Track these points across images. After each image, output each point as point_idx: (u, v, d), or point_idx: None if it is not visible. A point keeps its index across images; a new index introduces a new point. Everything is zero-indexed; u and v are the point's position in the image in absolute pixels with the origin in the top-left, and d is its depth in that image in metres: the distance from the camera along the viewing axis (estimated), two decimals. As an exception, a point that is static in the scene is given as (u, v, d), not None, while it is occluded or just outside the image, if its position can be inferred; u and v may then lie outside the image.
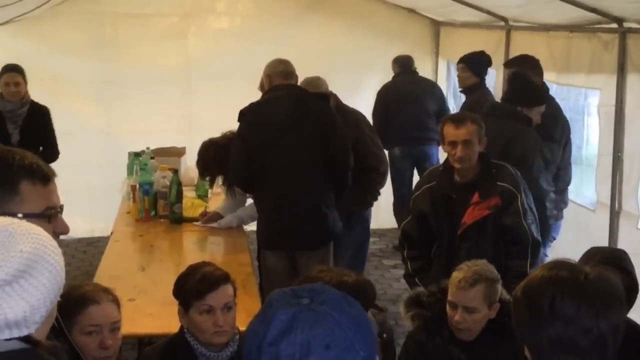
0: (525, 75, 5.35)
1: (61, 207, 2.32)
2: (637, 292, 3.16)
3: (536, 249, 4.36)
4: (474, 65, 6.78)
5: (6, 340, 1.68)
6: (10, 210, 2.06)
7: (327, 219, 5.23)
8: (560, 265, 2.02)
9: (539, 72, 5.70)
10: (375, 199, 6.18)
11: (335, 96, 5.99)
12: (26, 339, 1.72)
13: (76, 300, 2.86)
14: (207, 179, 6.01)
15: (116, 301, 2.99)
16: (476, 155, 4.32)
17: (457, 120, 4.38)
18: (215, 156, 5.69)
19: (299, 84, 5.41)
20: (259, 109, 5.20)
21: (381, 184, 6.14)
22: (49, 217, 2.21)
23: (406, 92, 7.73)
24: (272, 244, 5.30)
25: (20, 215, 2.06)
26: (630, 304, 2.85)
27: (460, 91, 7.17)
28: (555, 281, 1.96)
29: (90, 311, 2.85)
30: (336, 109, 5.64)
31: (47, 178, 2.25)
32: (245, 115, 5.21)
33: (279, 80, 5.26)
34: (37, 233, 1.78)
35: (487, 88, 7.01)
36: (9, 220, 1.79)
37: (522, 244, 4.32)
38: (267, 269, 5.35)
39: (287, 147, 5.07)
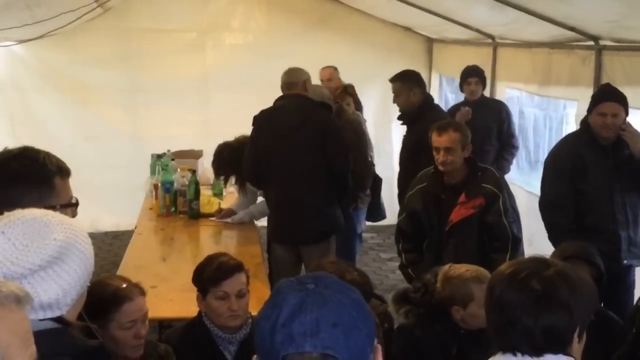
0: None
1: (77, 203, 2.35)
2: (603, 282, 3.21)
3: (516, 244, 4.38)
4: (483, 78, 6.64)
5: (40, 320, 1.69)
6: (50, 204, 2.10)
7: (325, 216, 5.25)
8: (525, 262, 1.99)
9: (422, 85, 5.78)
10: (356, 201, 6.06)
11: (340, 105, 6.05)
12: (59, 319, 1.73)
13: (111, 299, 2.85)
14: (222, 178, 6.03)
15: (144, 292, 2.99)
16: (460, 160, 4.38)
17: (441, 128, 4.45)
18: (229, 158, 5.72)
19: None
20: (267, 116, 5.25)
21: (362, 188, 6.04)
22: (75, 205, 2.25)
23: None
24: (278, 237, 5.36)
25: (58, 206, 2.09)
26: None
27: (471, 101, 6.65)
28: (504, 273, 1.95)
29: (125, 308, 2.85)
30: (337, 114, 5.68)
31: (69, 173, 2.29)
32: (256, 120, 5.26)
33: (285, 90, 5.32)
34: (69, 223, 1.79)
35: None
36: (44, 212, 1.80)
37: (503, 240, 4.35)
38: (276, 259, 5.41)
39: (289, 150, 5.11)
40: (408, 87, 5.66)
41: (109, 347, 2.78)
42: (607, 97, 4.55)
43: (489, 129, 6.43)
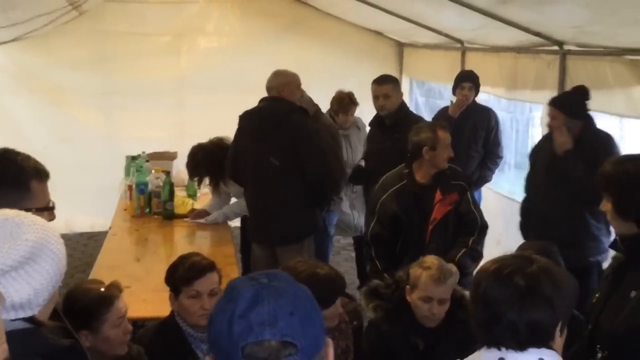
0: None
1: (53, 206, 2.32)
2: None
3: (484, 230, 4.59)
4: (477, 84, 6.41)
5: (12, 320, 1.67)
6: (26, 207, 2.06)
7: (299, 219, 5.22)
8: (509, 259, 2.00)
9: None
10: (329, 204, 5.96)
11: (318, 109, 6.00)
12: (30, 319, 1.71)
13: (100, 301, 2.88)
14: (196, 179, 6.00)
15: (121, 289, 3.03)
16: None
17: (444, 124, 4.63)
18: (203, 159, 5.71)
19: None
20: (246, 117, 5.24)
21: (336, 191, 5.87)
22: (52, 209, 2.23)
23: None
24: (255, 237, 5.38)
25: (33, 209, 2.07)
26: None
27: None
28: (489, 270, 1.97)
29: (115, 307, 2.89)
30: (315, 118, 5.66)
31: (47, 176, 2.26)
32: (240, 120, 5.27)
33: (269, 93, 5.28)
34: (41, 224, 1.77)
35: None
36: (16, 212, 1.78)
37: (472, 226, 4.53)
38: (253, 258, 5.43)
39: (262, 153, 5.08)
40: (398, 89, 5.76)
41: (100, 350, 2.79)
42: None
43: (476, 135, 6.35)
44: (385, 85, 5.73)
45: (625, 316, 2.54)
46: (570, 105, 4.74)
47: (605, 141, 4.73)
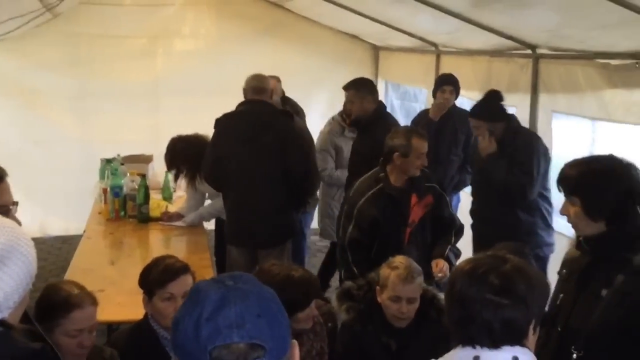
0: None
1: (15, 204, 2.27)
2: None
3: (460, 229, 4.68)
4: (458, 88, 6.40)
5: None
6: None
7: (283, 220, 5.24)
8: (483, 259, 2.01)
9: (374, 92, 5.85)
10: (305, 205, 5.93)
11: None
12: (0, 322, 1.69)
13: (61, 304, 2.79)
14: (173, 173, 5.93)
15: (95, 302, 2.93)
16: None
17: (423, 133, 4.58)
18: (182, 150, 5.70)
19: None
20: (228, 120, 5.20)
21: (311, 193, 5.88)
22: (5, 212, 2.15)
23: None
24: (236, 240, 5.32)
25: None
26: None
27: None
28: (464, 270, 1.98)
29: (74, 316, 2.78)
30: None
31: (3, 177, 2.23)
32: (217, 123, 5.22)
33: (251, 95, 5.24)
34: (10, 226, 1.75)
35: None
36: None
37: (450, 227, 4.62)
38: (230, 261, 5.37)
39: (249, 155, 5.07)
40: (362, 95, 5.69)
41: None
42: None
43: (456, 138, 6.33)
44: (347, 91, 5.82)
45: (600, 315, 2.54)
46: (486, 112, 4.97)
47: (528, 139, 4.95)
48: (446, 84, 6.32)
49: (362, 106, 5.67)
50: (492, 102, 5.01)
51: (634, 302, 2.51)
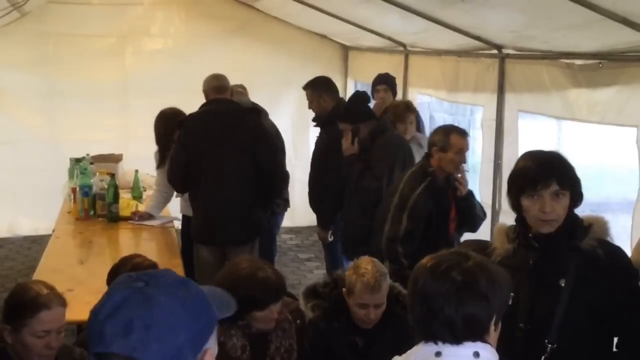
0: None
1: None
2: None
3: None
4: (393, 86, 6.49)
5: None
6: None
7: (253, 218, 5.26)
8: (445, 255, 2.01)
9: (332, 90, 5.91)
10: (272, 206, 5.90)
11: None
12: None
13: (29, 304, 2.75)
14: (160, 146, 5.82)
15: (64, 304, 2.88)
16: None
17: (464, 132, 4.51)
18: (173, 115, 5.65)
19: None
20: (197, 119, 5.18)
21: (280, 193, 5.90)
22: None
23: None
24: (205, 238, 5.29)
25: None
26: None
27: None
28: (425, 266, 1.98)
29: (41, 316, 2.73)
30: None
31: None
32: (184, 124, 5.19)
33: (213, 94, 5.28)
34: None
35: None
36: None
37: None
38: (199, 261, 5.33)
39: (220, 153, 5.08)
40: (318, 93, 5.78)
41: (18, 351, 2.69)
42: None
43: None
44: (305, 91, 5.94)
45: (566, 304, 2.57)
46: (349, 114, 4.98)
47: (386, 143, 4.89)
48: (379, 83, 6.42)
49: (320, 104, 5.78)
50: (355, 104, 5.03)
51: (594, 285, 2.57)
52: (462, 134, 4.46)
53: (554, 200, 2.58)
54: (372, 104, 6.60)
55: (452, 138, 4.39)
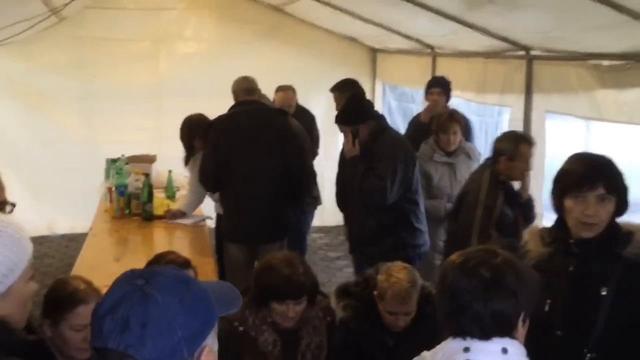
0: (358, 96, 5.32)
1: (12, 205, 2.26)
2: None
3: None
4: (447, 90, 6.29)
5: None
6: None
7: (282, 217, 5.28)
8: (474, 252, 2.01)
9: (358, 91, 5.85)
10: (301, 203, 5.92)
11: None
12: None
13: (67, 299, 2.77)
14: (186, 150, 5.88)
15: (101, 299, 2.90)
16: None
17: (532, 141, 4.53)
18: (198, 122, 5.69)
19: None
20: (227, 121, 5.22)
21: (308, 189, 5.85)
22: None
23: None
24: (235, 237, 5.32)
25: None
26: None
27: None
28: (455, 263, 1.98)
29: (79, 311, 2.75)
30: None
31: None
32: (215, 125, 5.22)
33: (243, 96, 5.31)
34: None
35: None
36: None
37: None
38: (230, 258, 5.36)
39: (250, 154, 5.10)
40: (345, 95, 5.71)
41: (57, 344, 2.72)
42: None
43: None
44: (332, 93, 6.09)
45: (607, 313, 2.49)
46: (348, 116, 4.87)
47: (388, 143, 4.79)
48: (434, 86, 6.30)
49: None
50: (351, 107, 4.95)
51: (636, 295, 2.48)
52: (531, 143, 4.46)
53: (598, 204, 2.48)
54: (423, 107, 6.57)
55: (521, 148, 4.40)
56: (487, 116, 7.25)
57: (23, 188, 8.30)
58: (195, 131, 5.68)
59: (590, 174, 2.49)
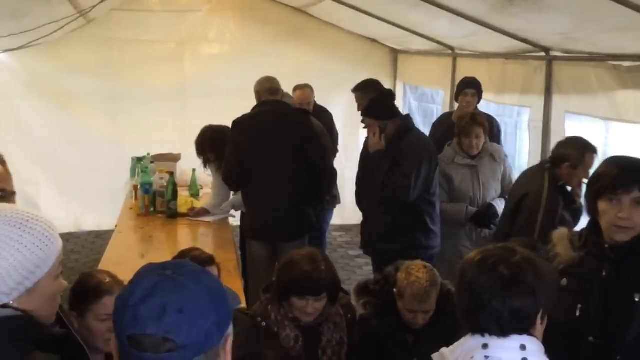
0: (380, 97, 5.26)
1: (7, 192, 2.24)
2: None
3: None
4: (480, 91, 6.12)
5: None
6: None
7: (303, 215, 5.29)
8: (493, 249, 2.00)
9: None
10: (322, 203, 6.05)
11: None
12: (5, 306, 1.71)
13: (92, 290, 2.82)
14: (202, 159, 5.98)
15: None
16: None
17: (596, 150, 4.40)
18: (211, 138, 5.77)
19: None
20: (250, 120, 5.24)
21: (328, 187, 5.83)
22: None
23: None
24: (258, 235, 5.34)
25: None
26: None
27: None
28: (474, 260, 1.97)
29: (104, 302, 2.79)
30: None
31: None
32: (238, 125, 5.24)
33: (267, 96, 5.33)
34: (9, 217, 1.76)
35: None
36: None
37: None
38: (252, 255, 5.39)
39: (272, 153, 5.12)
40: (367, 96, 5.68)
41: (82, 336, 2.76)
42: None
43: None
44: (355, 94, 6.09)
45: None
46: (377, 110, 4.83)
47: (414, 142, 4.76)
48: (469, 87, 6.16)
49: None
50: (383, 101, 4.94)
51: None
52: (596, 152, 4.35)
53: (633, 207, 2.41)
54: (443, 107, 6.47)
55: (586, 157, 4.28)
56: (507, 116, 7.18)
57: (51, 186, 8.41)
58: (207, 145, 5.81)
59: (625, 177, 2.43)
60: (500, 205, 5.17)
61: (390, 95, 5.16)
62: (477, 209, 5.24)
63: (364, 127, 4.93)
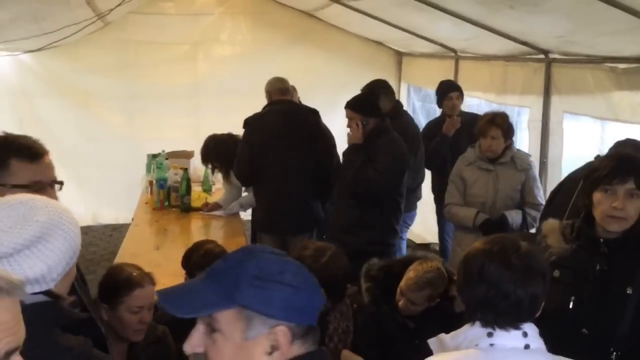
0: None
1: (54, 182, 2.24)
2: None
3: None
4: (462, 92, 6.13)
5: (32, 294, 1.68)
6: (2, 182, 2.07)
7: (312, 210, 5.32)
8: (496, 239, 1.98)
9: (389, 92, 5.83)
10: (329, 197, 6.03)
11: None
12: (48, 293, 1.72)
13: (124, 283, 2.83)
14: (209, 166, 6.01)
15: (154, 282, 2.94)
16: None
17: None
18: (215, 146, 5.77)
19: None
20: (261, 119, 5.26)
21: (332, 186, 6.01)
22: (36, 189, 2.11)
23: None
24: (268, 228, 5.38)
25: (9, 185, 2.06)
26: None
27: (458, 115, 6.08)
28: (485, 252, 1.93)
29: (136, 294, 2.81)
30: None
31: (34, 156, 2.18)
32: (249, 123, 5.26)
33: (277, 96, 5.36)
34: (54, 206, 1.77)
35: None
36: (30, 196, 1.78)
37: None
38: None
39: (283, 150, 5.14)
40: (387, 97, 5.72)
41: (114, 327, 2.78)
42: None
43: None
44: None
45: (633, 313, 2.40)
46: (362, 106, 4.83)
47: (390, 141, 4.75)
48: (453, 90, 6.11)
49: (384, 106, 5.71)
50: (369, 98, 4.96)
51: None
52: None
53: (627, 198, 2.37)
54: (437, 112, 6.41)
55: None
56: (507, 116, 7.19)
57: (70, 181, 8.32)
58: (211, 154, 5.84)
59: (622, 168, 2.39)
60: (514, 217, 4.73)
61: (377, 94, 5.18)
62: (488, 216, 4.75)
63: (347, 118, 4.90)
